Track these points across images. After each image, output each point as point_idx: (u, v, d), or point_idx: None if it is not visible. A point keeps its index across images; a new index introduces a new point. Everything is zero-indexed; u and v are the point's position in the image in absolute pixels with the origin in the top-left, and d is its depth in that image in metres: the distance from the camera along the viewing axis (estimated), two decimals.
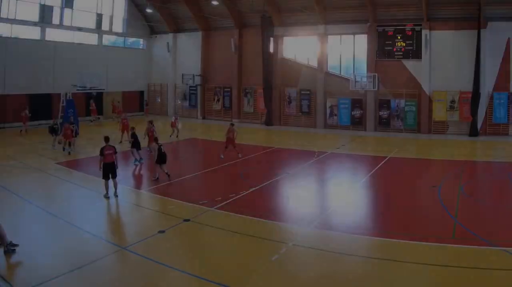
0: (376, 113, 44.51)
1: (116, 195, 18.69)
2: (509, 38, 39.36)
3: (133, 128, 27.55)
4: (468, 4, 39.41)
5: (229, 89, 51.32)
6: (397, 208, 18.04)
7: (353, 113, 45.49)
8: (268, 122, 47.64)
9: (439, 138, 39.54)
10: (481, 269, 11.65)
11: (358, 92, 44.53)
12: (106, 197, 18.59)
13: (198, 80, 52.72)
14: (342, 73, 46.61)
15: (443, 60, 41.49)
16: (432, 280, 11.41)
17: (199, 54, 52.85)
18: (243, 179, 22.70)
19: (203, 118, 52.53)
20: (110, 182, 18.78)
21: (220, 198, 18.25)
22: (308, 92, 47.39)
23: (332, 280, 11.26)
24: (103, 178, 18.56)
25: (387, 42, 43.97)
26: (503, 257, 12.51)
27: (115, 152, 18.97)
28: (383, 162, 27.22)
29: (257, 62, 47.80)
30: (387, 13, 43.56)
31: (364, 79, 44.03)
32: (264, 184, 21.32)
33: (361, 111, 45.12)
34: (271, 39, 47.48)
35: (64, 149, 30.26)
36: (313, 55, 47.09)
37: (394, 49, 43.81)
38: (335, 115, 46.10)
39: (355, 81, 44.25)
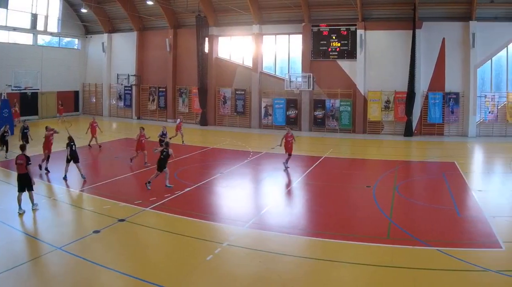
0: (311, 113, 38.23)
1: (34, 209, 14.31)
2: (444, 38, 34.39)
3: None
4: (403, 4, 34.30)
5: (164, 89, 43.67)
6: (332, 208, 15.98)
7: (288, 113, 38.81)
8: (203, 122, 40.61)
9: (374, 138, 34.26)
10: (416, 269, 10.22)
11: (293, 92, 37.88)
12: (20, 212, 13.96)
13: (133, 80, 44.51)
14: (277, 73, 39.95)
15: (378, 60, 36.12)
16: (367, 280, 10.01)
17: (134, 54, 44.71)
18: (178, 179, 19.28)
19: (138, 118, 44.71)
20: (26, 194, 14.53)
21: (155, 198, 15.86)
22: (243, 92, 40.38)
23: (267, 280, 9.78)
24: (18, 190, 14.40)
25: (322, 42, 37.77)
26: (437, 256, 10.95)
27: (28, 163, 14.23)
28: (318, 162, 23.82)
29: (192, 62, 40.73)
30: (322, 13, 37.55)
31: (299, 79, 37.22)
32: (199, 184, 18.55)
33: (296, 111, 38.63)
34: (206, 39, 40.20)
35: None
36: (248, 55, 39.99)
37: (329, 49, 37.56)
38: (270, 115, 39.31)
39: (290, 81, 37.45)
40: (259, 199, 18.07)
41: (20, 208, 14.21)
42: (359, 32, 35.50)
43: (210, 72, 39.72)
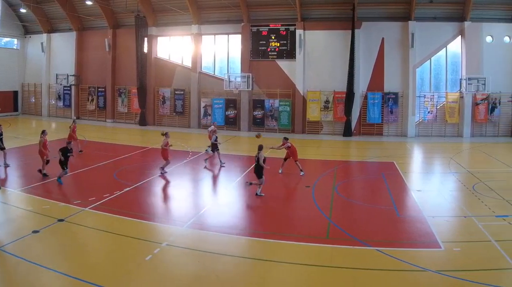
0: (250, 113, 35.51)
1: None
2: (383, 38, 32.94)
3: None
4: (342, 4, 32.63)
5: (103, 89, 39.74)
6: (272, 208, 15.28)
7: (227, 113, 35.88)
8: (142, 122, 37.50)
9: (313, 138, 32.36)
10: (355, 269, 9.91)
11: (232, 92, 35.29)
12: None
13: (72, 80, 41.30)
14: (216, 73, 36.91)
15: (318, 60, 34.01)
16: (307, 280, 9.60)
17: (73, 54, 40.78)
18: (117, 179, 18.61)
19: (77, 118, 40.77)
20: None
21: (94, 198, 15.07)
22: (182, 92, 37.11)
23: (206, 280, 9.39)
24: None
25: (261, 42, 35.02)
26: (376, 256, 10.56)
27: None
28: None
29: (131, 62, 37.40)
30: (261, 13, 35.07)
31: (238, 79, 34.91)
32: (138, 184, 17.72)
33: (235, 111, 35.78)
34: (145, 39, 37.18)
35: None
36: (187, 55, 36.90)
37: (268, 49, 34.99)
38: (209, 115, 36.16)
39: (229, 81, 34.96)
40: (198, 199, 16.96)
41: None
42: (298, 32, 33.39)
43: (149, 72, 37.00)
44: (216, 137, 21.71)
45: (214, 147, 21.52)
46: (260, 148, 16.44)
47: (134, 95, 38.07)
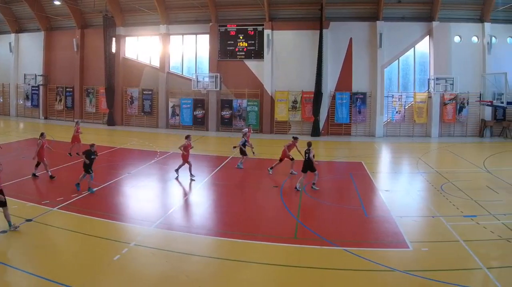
0: (218, 113, 34.64)
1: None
2: (351, 38, 32.54)
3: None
4: (311, 4, 32.12)
5: (71, 89, 38.54)
6: (240, 208, 14.89)
7: (195, 113, 35.01)
8: (110, 122, 36.53)
9: (281, 138, 30.75)
10: (323, 269, 9.78)
11: (200, 92, 34.38)
12: None
13: (40, 80, 40.48)
14: (184, 73, 36.00)
15: (286, 60, 33.31)
16: (275, 280, 9.51)
17: (41, 54, 39.49)
18: (86, 179, 17.18)
19: (46, 118, 40.17)
20: None
21: (62, 198, 14.61)
22: (150, 92, 36.04)
23: (174, 280, 9.24)
24: None
25: (229, 42, 34.24)
26: (344, 256, 10.47)
27: None
28: (225, 162, 22.45)
29: (99, 62, 36.40)
30: (229, 13, 34.29)
31: (206, 79, 33.88)
32: (106, 184, 17.34)
33: (203, 111, 34.92)
34: (113, 39, 36.21)
35: None
36: (155, 55, 36.06)
37: (236, 49, 34.25)
38: (177, 115, 35.38)
39: (197, 81, 33.91)
40: (166, 199, 16.61)
41: None
42: (266, 32, 32.70)
43: (117, 72, 36.10)
44: (245, 141, 20.91)
45: (243, 150, 20.90)
46: (309, 144, 16.82)
47: (102, 95, 36.88)
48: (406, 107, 32.79)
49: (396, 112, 32.79)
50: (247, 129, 22.78)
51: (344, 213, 14.47)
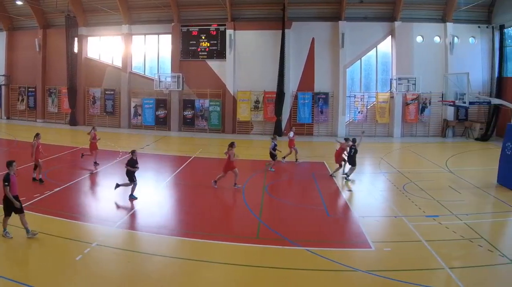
0: (180, 113, 33.87)
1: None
2: (313, 38, 32.18)
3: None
4: (273, 4, 31.67)
5: (33, 89, 37.41)
6: (203, 208, 14.61)
7: (157, 113, 34.21)
8: (73, 122, 35.81)
9: (244, 138, 31.09)
10: (286, 269, 9.80)
11: (163, 92, 33.65)
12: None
13: (2, 80, 39.51)
14: (146, 73, 35.19)
15: (248, 60, 32.73)
16: (237, 280, 9.44)
17: (3, 54, 38.45)
18: (48, 179, 17.68)
19: (8, 118, 39.20)
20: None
21: (24, 198, 13.18)
22: (112, 92, 35.13)
23: (136, 280, 9.18)
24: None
25: (191, 42, 33.58)
26: (307, 256, 10.44)
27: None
28: (187, 162, 22.27)
29: (62, 62, 35.59)
30: (191, 13, 33.76)
31: (169, 79, 33.18)
32: (69, 183, 17.06)
33: (166, 111, 34.11)
34: (76, 39, 35.45)
35: None
36: (117, 55, 35.33)
37: (199, 49, 33.58)
38: (140, 115, 34.56)
39: (160, 81, 33.22)
40: (128, 198, 15.92)
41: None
42: (229, 32, 32.08)
43: (79, 72, 35.41)
44: (275, 145, 19.77)
45: (272, 156, 20.02)
46: (354, 140, 17.64)
47: (64, 95, 35.88)
48: (368, 107, 32.11)
49: (358, 112, 32.26)
50: (292, 132, 22.40)
51: (306, 213, 14.32)
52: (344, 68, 31.74)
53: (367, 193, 16.89)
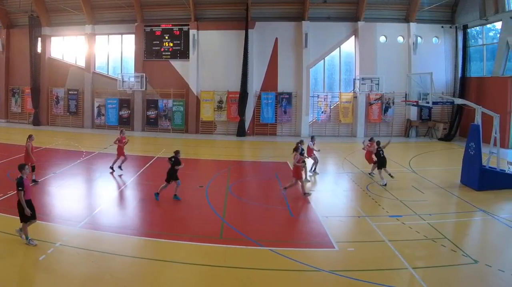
0: (143, 113, 33.56)
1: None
2: (277, 38, 32.06)
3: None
4: (236, 4, 31.71)
5: None
6: (166, 208, 14.57)
7: (120, 113, 33.84)
8: (36, 122, 35.31)
9: (207, 138, 31.26)
10: (249, 269, 9.76)
11: (126, 92, 33.25)
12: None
13: None
14: (110, 73, 34.83)
15: (211, 60, 32.63)
16: (200, 279, 9.45)
17: None
18: (11, 179, 16.58)
19: None
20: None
21: None
22: (75, 92, 34.66)
23: (99, 280, 9.09)
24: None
25: (155, 42, 33.26)
26: (270, 256, 10.43)
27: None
28: (150, 162, 22.18)
29: (25, 62, 35.15)
30: (155, 13, 33.41)
31: (132, 79, 32.92)
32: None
33: (129, 111, 33.78)
34: (39, 39, 35.09)
35: None
36: (81, 55, 35.11)
37: (162, 49, 33.27)
38: (103, 115, 34.15)
39: (123, 81, 32.91)
40: (92, 199, 16.23)
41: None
42: (192, 32, 31.90)
43: (43, 72, 35.04)
44: (302, 149, 17.68)
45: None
46: (378, 143, 17.94)
47: (27, 95, 35.45)
48: (331, 107, 31.93)
49: (322, 112, 32.18)
50: (312, 142, 20.04)
51: (269, 213, 14.32)
52: (308, 68, 31.63)
53: (331, 193, 16.93)
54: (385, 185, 17.37)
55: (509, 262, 10.25)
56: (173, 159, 14.98)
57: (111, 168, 19.25)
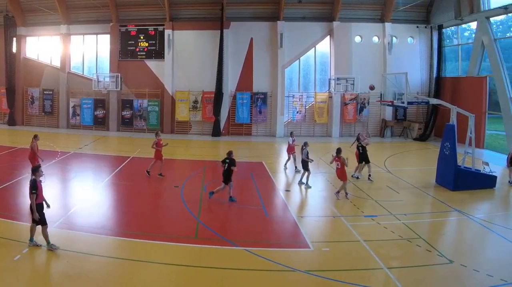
0: (119, 113, 33.28)
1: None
2: (252, 38, 31.96)
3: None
4: (211, 4, 31.43)
5: None
6: (141, 208, 14.46)
7: (96, 113, 33.56)
8: (11, 122, 34.79)
9: (182, 138, 31.11)
10: (224, 269, 9.74)
11: (101, 92, 33.04)
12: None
13: None
14: (85, 73, 34.58)
15: (187, 60, 32.42)
16: (175, 279, 9.39)
17: None
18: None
19: None
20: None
21: None
22: (50, 92, 34.42)
23: (75, 280, 9.05)
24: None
25: (130, 42, 32.97)
26: (245, 256, 10.44)
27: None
28: (126, 162, 22.03)
29: (0, 62, 35.33)
30: (130, 13, 33.11)
31: (107, 79, 32.67)
32: (6, 184, 16.60)
33: (104, 111, 33.53)
34: (14, 39, 34.80)
35: None
36: (56, 55, 34.98)
37: (137, 49, 33.04)
38: (78, 115, 33.89)
39: (98, 81, 32.63)
40: (67, 198, 15.99)
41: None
42: (167, 32, 31.73)
43: (18, 72, 34.82)
44: (307, 152, 17.71)
45: (305, 164, 17.62)
46: (358, 139, 18.37)
47: (2, 95, 35.17)
48: (306, 107, 31.83)
49: (297, 112, 32.13)
50: (292, 139, 20.68)
51: (245, 213, 14.31)
52: (283, 68, 31.48)
53: (306, 193, 16.94)
54: (358, 178, 17.99)
55: (484, 262, 10.30)
56: (227, 161, 14.78)
57: (160, 174, 18.92)
